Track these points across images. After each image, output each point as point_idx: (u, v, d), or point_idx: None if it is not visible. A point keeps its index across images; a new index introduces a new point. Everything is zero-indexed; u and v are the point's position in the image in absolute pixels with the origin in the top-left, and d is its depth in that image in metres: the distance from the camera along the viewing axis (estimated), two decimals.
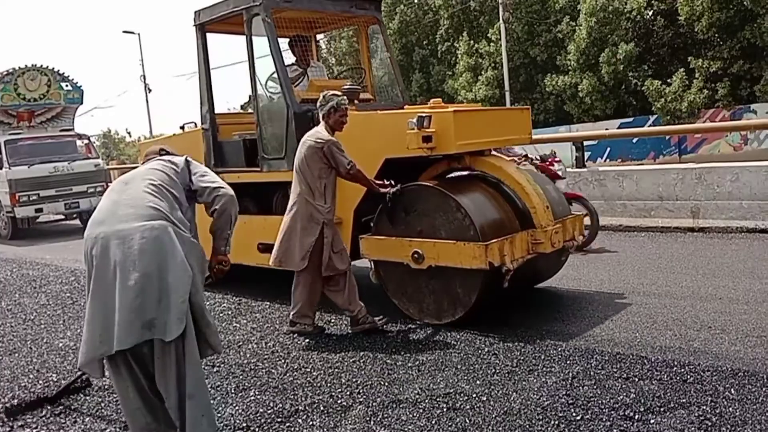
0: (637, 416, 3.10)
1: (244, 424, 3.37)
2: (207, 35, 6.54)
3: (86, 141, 15.14)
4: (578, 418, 3.14)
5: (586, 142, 9.62)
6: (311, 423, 3.32)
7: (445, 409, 3.35)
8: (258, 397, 3.70)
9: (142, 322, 2.64)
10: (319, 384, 3.83)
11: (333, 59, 30.90)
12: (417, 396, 3.54)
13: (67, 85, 15.22)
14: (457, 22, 29.86)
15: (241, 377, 4.04)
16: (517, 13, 27.12)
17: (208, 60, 6.55)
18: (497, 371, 3.81)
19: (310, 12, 6.30)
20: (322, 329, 4.93)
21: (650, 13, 25.99)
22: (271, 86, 5.94)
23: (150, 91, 37.95)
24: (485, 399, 3.43)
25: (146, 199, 2.84)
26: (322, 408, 3.49)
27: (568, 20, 25.86)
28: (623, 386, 3.44)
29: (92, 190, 13.95)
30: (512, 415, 3.23)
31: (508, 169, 4.98)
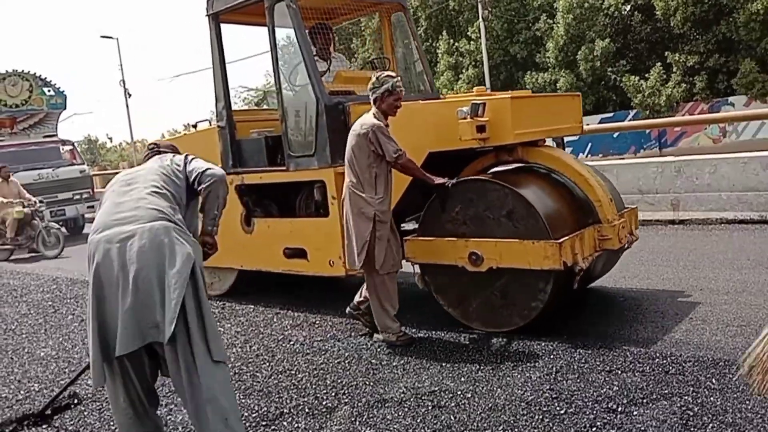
0: (620, 408, 3.12)
1: None
2: (221, 26, 5.98)
3: (70, 147, 14.88)
4: (562, 411, 3.15)
5: (567, 138, 9.66)
6: (296, 425, 3.31)
7: (430, 407, 3.35)
8: (243, 400, 3.68)
9: (140, 327, 2.58)
10: (304, 386, 3.81)
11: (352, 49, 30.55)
12: (402, 395, 3.54)
13: (49, 90, 15.03)
14: (435, 22, 29.96)
15: None
16: (496, 11, 27.28)
17: (223, 52, 6.00)
18: (481, 368, 3.82)
19: None
20: (410, 339, 4.43)
21: (628, 8, 26.25)
22: (297, 79, 5.45)
23: (130, 95, 37.73)
24: (470, 396, 3.44)
25: (147, 201, 2.80)
26: (307, 410, 3.47)
27: (546, 18, 26.05)
28: (606, 379, 3.47)
29: (78, 196, 13.73)
30: (497, 410, 3.24)
31: (567, 159, 4.56)
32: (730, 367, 3.46)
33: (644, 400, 3.18)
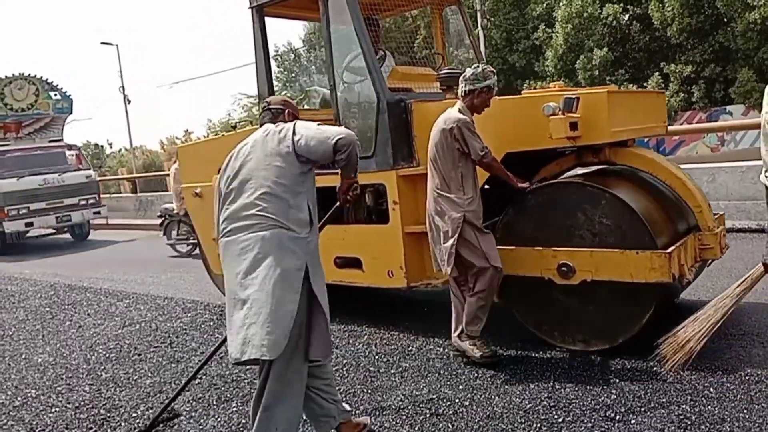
0: (618, 417, 3.12)
1: None
2: (265, 19, 5.56)
3: (76, 152, 14.62)
4: (560, 420, 3.15)
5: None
6: None
7: (428, 415, 3.35)
8: (240, 408, 3.67)
9: (243, 341, 2.71)
10: None
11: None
12: (400, 403, 3.54)
13: (55, 95, 14.86)
14: None
15: (222, 388, 4.01)
16: (495, 21, 27.38)
17: (267, 48, 5.56)
18: (479, 376, 3.82)
19: None
20: (496, 358, 4.02)
21: (626, 18, 26.38)
22: (354, 75, 5.07)
23: (129, 102, 37.73)
24: (468, 404, 3.44)
25: (259, 207, 2.84)
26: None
27: (544, 27, 26.15)
28: (604, 388, 3.47)
29: (84, 202, 13.53)
30: (495, 419, 3.24)
31: (662, 161, 4.17)
32: (728, 376, 3.47)
33: (642, 409, 3.18)
